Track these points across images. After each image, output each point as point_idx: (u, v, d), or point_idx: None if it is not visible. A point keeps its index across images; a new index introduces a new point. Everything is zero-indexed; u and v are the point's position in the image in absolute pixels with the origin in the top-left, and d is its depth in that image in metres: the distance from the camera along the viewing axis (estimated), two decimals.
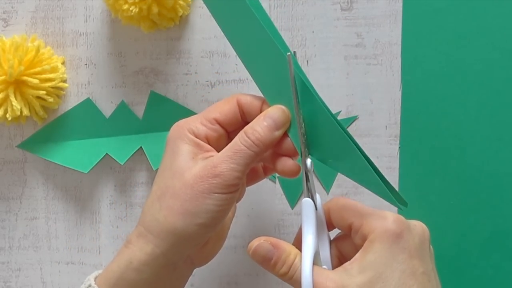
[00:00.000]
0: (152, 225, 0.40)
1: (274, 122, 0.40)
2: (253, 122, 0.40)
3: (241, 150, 0.39)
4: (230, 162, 0.39)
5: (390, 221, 0.37)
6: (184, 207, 0.39)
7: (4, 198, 0.57)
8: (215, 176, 0.38)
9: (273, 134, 0.40)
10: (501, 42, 0.53)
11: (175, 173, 0.40)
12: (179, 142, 0.41)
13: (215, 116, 0.42)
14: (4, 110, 0.52)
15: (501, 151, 0.53)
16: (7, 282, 0.57)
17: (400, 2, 0.54)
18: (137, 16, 0.51)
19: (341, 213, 0.40)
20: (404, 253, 0.36)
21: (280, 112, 0.41)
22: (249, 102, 0.42)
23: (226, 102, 0.43)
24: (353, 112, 0.54)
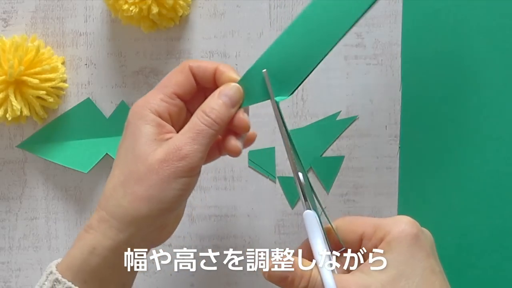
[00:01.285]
0: (116, 210, 0.39)
1: (230, 100, 0.41)
2: (209, 100, 0.41)
3: (203, 130, 0.39)
4: (194, 143, 0.39)
5: (404, 223, 0.38)
6: (150, 193, 0.38)
7: (4, 198, 0.57)
8: (181, 159, 0.38)
9: (229, 111, 0.40)
10: (501, 42, 0.53)
11: (138, 157, 0.39)
12: (140, 123, 0.40)
13: (173, 90, 0.41)
14: (4, 110, 0.52)
15: (501, 151, 0.53)
16: (7, 282, 0.57)
17: (400, 2, 0.54)
18: (137, 16, 0.51)
19: (350, 227, 0.40)
20: (423, 252, 0.37)
21: (235, 89, 0.41)
22: (202, 69, 0.42)
23: (180, 73, 0.42)
24: (353, 112, 0.54)
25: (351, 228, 0.40)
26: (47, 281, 0.40)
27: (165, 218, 0.40)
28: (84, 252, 0.40)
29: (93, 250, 0.39)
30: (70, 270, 0.40)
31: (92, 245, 0.39)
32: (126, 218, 0.39)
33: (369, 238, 0.39)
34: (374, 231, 0.38)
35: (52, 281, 0.39)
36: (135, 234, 0.39)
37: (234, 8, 0.55)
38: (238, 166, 0.55)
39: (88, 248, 0.39)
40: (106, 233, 0.39)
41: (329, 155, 0.55)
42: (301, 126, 0.55)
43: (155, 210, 0.39)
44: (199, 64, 0.42)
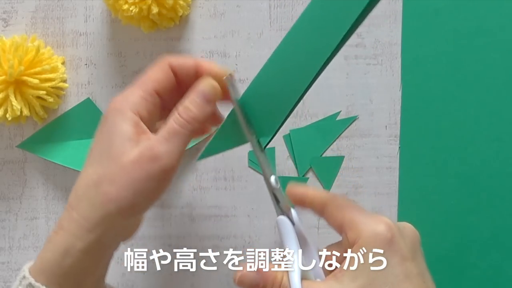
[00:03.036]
0: (87, 210, 0.39)
1: (205, 98, 0.40)
2: (184, 99, 0.40)
3: (176, 130, 0.39)
4: (166, 145, 0.38)
5: (378, 225, 0.36)
6: (122, 194, 0.38)
7: (4, 198, 0.57)
8: (152, 160, 0.38)
9: (204, 110, 0.40)
10: (501, 42, 0.53)
11: (112, 157, 0.39)
12: (118, 121, 0.39)
13: (154, 87, 0.41)
14: (4, 110, 0.52)
15: (501, 151, 0.53)
16: (7, 282, 0.57)
17: (400, 2, 0.54)
18: (137, 16, 0.51)
19: (334, 212, 0.39)
20: (396, 257, 0.35)
21: (209, 85, 0.40)
22: (182, 65, 0.41)
23: (160, 70, 0.41)
24: (353, 112, 0.54)
25: (334, 213, 0.39)
26: (21, 286, 0.39)
27: (137, 218, 0.41)
28: (56, 255, 0.39)
29: (65, 253, 0.39)
30: (44, 274, 0.39)
31: (64, 247, 0.39)
32: (96, 219, 0.38)
33: (345, 234, 0.37)
34: (350, 229, 0.37)
35: (26, 285, 0.39)
36: (106, 234, 0.39)
37: (234, 8, 0.55)
38: (238, 166, 0.55)
39: (60, 250, 0.39)
40: (77, 234, 0.39)
41: (329, 155, 0.55)
42: (301, 126, 0.55)
43: (127, 210, 0.38)
44: (179, 61, 0.41)
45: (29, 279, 0.39)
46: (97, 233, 0.39)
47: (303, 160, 0.55)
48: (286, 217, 0.39)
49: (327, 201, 0.40)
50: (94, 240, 0.39)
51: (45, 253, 0.40)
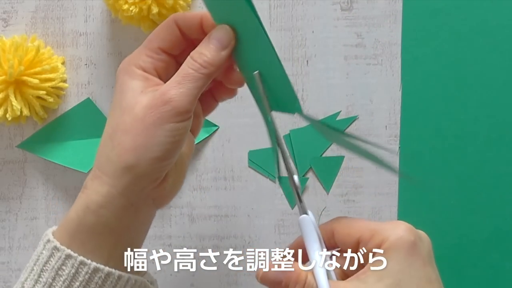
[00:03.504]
0: (106, 165, 0.38)
1: (220, 43, 0.39)
2: (198, 46, 0.39)
3: (189, 74, 0.38)
4: (180, 87, 0.37)
5: (402, 230, 0.37)
6: (136, 142, 0.37)
7: (4, 198, 0.57)
8: (165, 103, 0.37)
9: (220, 55, 0.39)
10: (501, 42, 0.53)
11: (125, 109, 0.38)
12: (127, 79, 0.39)
13: (158, 44, 0.40)
14: (4, 110, 0.52)
15: (501, 151, 0.53)
16: (7, 282, 0.57)
17: (400, 2, 0.54)
18: (137, 16, 0.51)
19: (347, 229, 0.39)
20: (419, 260, 0.36)
21: (224, 31, 0.39)
22: (188, 20, 0.40)
23: (164, 28, 0.41)
24: (353, 112, 0.54)
25: (347, 231, 0.39)
26: (45, 250, 0.38)
27: (156, 170, 0.38)
28: (79, 212, 0.38)
29: (87, 209, 0.38)
30: (67, 232, 0.38)
31: (85, 204, 0.38)
32: (116, 172, 0.38)
33: (365, 243, 0.38)
34: (371, 236, 0.37)
35: (50, 249, 0.38)
36: (127, 188, 0.38)
37: None
38: (238, 166, 0.55)
39: (82, 207, 0.38)
40: (98, 190, 0.38)
41: (329, 155, 0.55)
42: (301, 126, 0.55)
43: (143, 160, 0.37)
44: (184, 16, 0.41)
45: (54, 242, 0.38)
46: (118, 187, 0.38)
47: (303, 160, 0.55)
48: (309, 216, 0.39)
49: (333, 225, 0.40)
50: (115, 195, 0.38)
51: (69, 213, 0.39)
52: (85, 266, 0.37)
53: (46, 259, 0.38)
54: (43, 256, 0.38)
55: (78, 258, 0.37)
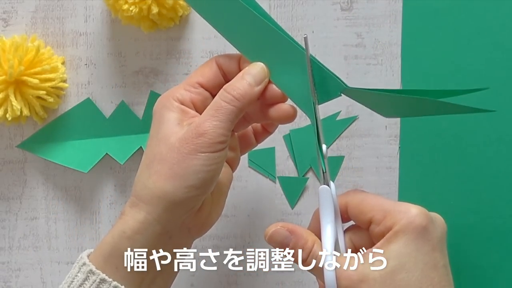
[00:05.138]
0: (143, 193, 0.39)
1: (253, 78, 0.40)
2: (232, 80, 0.41)
3: (222, 106, 0.39)
4: (213, 120, 0.39)
5: (414, 213, 0.37)
6: (172, 171, 0.38)
7: (4, 198, 0.57)
8: (200, 135, 0.38)
9: (253, 89, 0.40)
10: (501, 42, 0.53)
11: (161, 140, 0.40)
12: (165, 111, 0.41)
13: (197, 80, 0.42)
14: (4, 110, 0.52)
15: (501, 151, 0.53)
16: (7, 282, 0.57)
17: (400, 2, 0.54)
18: (137, 16, 0.51)
19: (361, 207, 0.39)
20: (428, 246, 0.37)
21: (259, 68, 0.41)
22: (227, 61, 0.42)
23: (206, 65, 0.43)
24: (353, 112, 0.54)
25: (361, 208, 0.39)
26: (80, 273, 0.39)
27: (192, 199, 0.39)
28: (115, 237, 0.39)
29: (123, 234, 0.39)
30: (102, 256, 0.39)
31: (122, 229, 0.39)
32: (153, 200, 0.39)
33: (377, 223, 0.38)
34: (384, 217, 0.38)
35: (86, 272, 0.39)
36: (163, 216, 0.39)
37: None
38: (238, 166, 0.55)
39: (119, 232, 0.39)
40: (135, 217, 0.39)
41: (329, 155, 0.55)
42: (301, 126, 0.55)
43: (179, 188, 0.38)
44: (224, 57, 0.42)
45: (90, 265, 0.39)
46: (154, 214, 0.39)
47: (303, 160, 0.55)
48: (329, 187, 0.40)
49: (347, 200, 0.40)
50: (151, 222, 0.39)
51: (106, 237, 0.40)
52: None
53: (80, 282, 0.39)
54: (78, 279, 0.39)
55: (112, 283, 0.38)
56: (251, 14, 0.40)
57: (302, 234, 0.39)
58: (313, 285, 0.55)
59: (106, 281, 0.38)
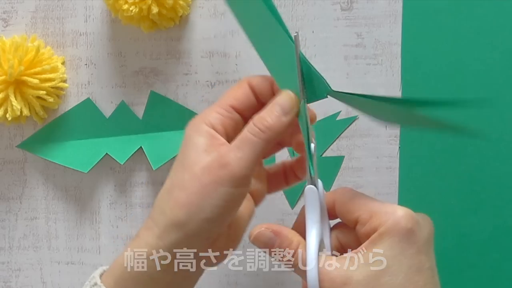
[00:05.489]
0: (159, 217, 0.39)
1: (281, 108, 0.39)
2: (261, 111, 0.40)
3: (248, 138, 0.38)
4: (237, 152, 0.38)
5: (400, 215, 0.37)
6: (190, 199, 0.37)
7: (4, 198, 0.57)
8: (222, 166, 0.37)
9: (280, 120, 0.39)
10: (501, 42, 0.53)
11: (186, 166, 0.39)
12: (193, 135, 0.39)
13: (230, 102, 0.41)
14: (4, 110, 0.52)
15: (501, 151, 0.53)
16: (7, 282, 0.57)
17: (400, 2, 0.54)
18: (137, 16, 0.51)
19: (348, 206, 0.39)
20: (413, 248, 0.36)
21: (287, 97, 0.40)
22: (260, 83, 0.41)
23: (238, 87, 0.41)
24: (353, 112, 0.54)
25: (348, 207, 0.39)
26: None
27: (207, 231, 0.39)
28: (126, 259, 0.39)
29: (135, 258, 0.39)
30: (113, 277, 0.39)
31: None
32: (166, 225, 0.38)
33: (363, 223, 0.38)
34: (370, 218, 0.37)
35: None
36: (175, 244, 0.38)
37: None
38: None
39: None
40: (147, 240, 0.39)
41: (329, 155, 0.55)
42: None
43: (194, 219, 0.37)
44: (257, 78, 0.42)
45: (101, 286, 0.39)
46: (165, 240, 0.38)
47: None
48: (315, 188, 0.39)
49: (335, 198, 0.40)
50: (162, 247, 0.38)
51: (119, 258, 0.40)
52: None
53: None
54: None
55: None
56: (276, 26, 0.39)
57: (287, 235, 0.38)
58: None
59: None
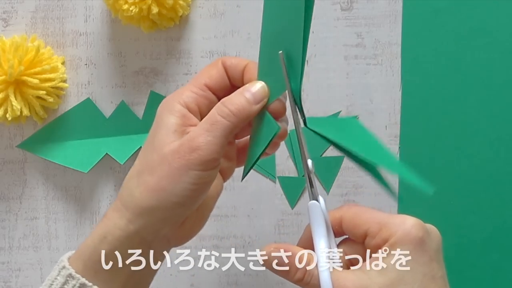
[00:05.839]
0: (128, 200, 0.39)
1: (253, 96, 0.39)
2: (231, 95, 0.39)
3: (218, 121, 0.38)
4: (207, 135, 0.37)
5: (410, 224, 0.37)
6: (160, 184, 0.37)
7: (4, 198, 0.57)
8: (192, 150, 0.37)
9: (251, 107, 0.39)
10: (501, 42, 0.53)
11: (155, 148, 0.39)
12: (165, 114, 0.39)
13: (204, 81, 0.40)
14: (4, 110, 0.52)
15: (501, 151, 0.53)
16: (7, 282, 0.57)
17: (400, 2, 0.54)
18: (137, 16, 0.51)
19: (356, 220, 0.39)
20: (425, 256, 0.36)
21: (260, 87, 0.39)
22: (234, 65, 0.41)
23: (213, 66, 0.41)
24: (353, 112, 0.54)
25: (356, 222, 0.39)
26: (60, 276, 0.39)
27: (177, 214, 0.39)
28: (95, 241, 0.39)
29: (104, 239, 0.38)
30: (82, 260, 0.39)
31: (103, 233, 0.39)
32: (136, 209, 0.38)
33: (373, 236, 0.38)
34: (379, 230, 0.37)
35: (65, 276, 0.39)
36: (146, 227, 0.38)
37: (234, 8, 0.55)
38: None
39: (99, 236, 0.39)
40: (117, 223, 0.39)
41: (329, 155, 0.55)
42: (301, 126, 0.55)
43: (164, 203, 0.38)
44: (231, 60, 0.41)
45: (69, 269, 0.39)
46: (136, 224, 0.38)
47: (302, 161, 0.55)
48: (318, 203, 0.39)
49: (342, 214, 0.40)
50: (132, 231, 0.38)
51: (87, 239, 0.40)
52: None
53: (60, 285, 0.39)
54: (58, 282, 0.39)
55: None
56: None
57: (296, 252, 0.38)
58: None
59: (86, 285, 0.38)
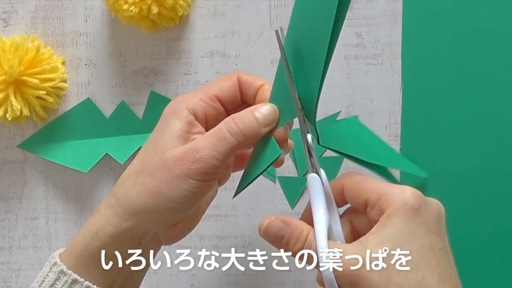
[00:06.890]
0: (123, 198, 0.39)
1: (264, 118, 0.39)
2: (242, 112, 0.39)
3: (225, 137, 0.38)
4: (212, 150, 0.38)
5: (408, 195, 0.36)
6: (159, 188, 0.38)
7: (4, 198, 0.57)
8: (195, 161, 0.37)
9: (259, 129, 0.39)
10: (501, 43, 0.53)
11: (157, 150, 0.39)
12: (172, 118, 0.39)
13: (216, 92, 0.41)
14: (4, 110, 0.52)
15: (501, 151, 0.53)
16: (7, 282, 0.57)
17: (400, 2, 0.54)
18: (137, 16, 0.51)
19: (356, 189, 0.39)
20: (423, 228, 0.36)
21: (272, 110, 0.40)
22: (249, 82, 0.41)
23: (227, 79, 0.41)
24: (353, 112, 0.54)
25: (357, 191, 0.39)
26: (51, 273, 0.39)
27: (172, 218, 0.39)
28: (87, 237, 0.39)
29: (95, 235, 0.39)
30: (73, 256, 0.39)
31: (95, 230, 0.39)
32: (131, 208, 0.38)
33: (372, 206, 0.37)
34: (378, 200, 0.37)
35: (57, 272, 0.39)
36: (138, 226, 0.39)
37: (234, 8, 0.55)
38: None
39: (91, 233, 0.39)
40: (110, 220, 0.39)
41: (329, 155, 0.55)
42: None
43: (160, 206, 0.38)
44: (248, 77, 0.41)
45: (61, 266, 0.39)
46: (129, 223, 0.38)
47: (303, 160, 0.55)
48: (318, 175, 0.39)
49: (343, 183, 0.40)
50: (125, 229, 0.39)
51: (78, 234, 0.40)
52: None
53: (52, 282, 0.39)
54: (49, 278, 0.39)
55: (85, 283, 0.38)
56: None
57: (296, 225, 0.38)
58: (313, 284, 0.55)
59: (78, 281, 0.38)
